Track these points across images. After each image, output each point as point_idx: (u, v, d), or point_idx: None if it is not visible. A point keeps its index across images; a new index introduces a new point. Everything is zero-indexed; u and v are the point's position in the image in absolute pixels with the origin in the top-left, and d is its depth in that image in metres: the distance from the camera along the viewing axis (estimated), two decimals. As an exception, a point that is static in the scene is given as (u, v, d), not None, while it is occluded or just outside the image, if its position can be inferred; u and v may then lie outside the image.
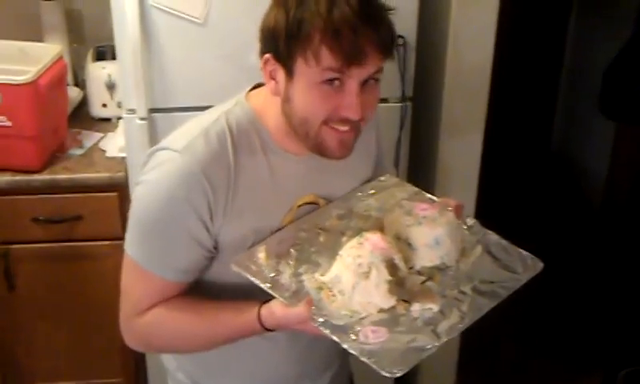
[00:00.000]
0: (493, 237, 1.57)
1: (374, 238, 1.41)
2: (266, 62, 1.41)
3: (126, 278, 1.50)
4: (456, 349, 2.80)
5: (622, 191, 3.39)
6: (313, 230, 1.52)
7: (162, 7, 2.17)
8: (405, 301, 1.39)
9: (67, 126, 2.64)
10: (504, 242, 1.56)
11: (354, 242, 1.43)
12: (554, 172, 4.71)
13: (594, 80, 2.37)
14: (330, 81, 1.35)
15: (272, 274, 1.41)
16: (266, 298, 1.40)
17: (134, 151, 2.31)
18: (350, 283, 1.37)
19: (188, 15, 2.19)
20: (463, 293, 1.43)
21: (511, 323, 1.51)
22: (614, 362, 2.79)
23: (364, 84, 1.37)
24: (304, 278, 1.42)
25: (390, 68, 2.32)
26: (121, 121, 2.53)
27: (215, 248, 1.46)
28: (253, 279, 1.40)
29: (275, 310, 1.38)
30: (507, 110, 4.29)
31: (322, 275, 1.42)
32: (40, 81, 2.36)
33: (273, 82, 1.42)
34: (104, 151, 2.57)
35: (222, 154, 1.42)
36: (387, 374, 1.25)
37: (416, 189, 1.69)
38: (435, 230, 1.48)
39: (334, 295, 1.38)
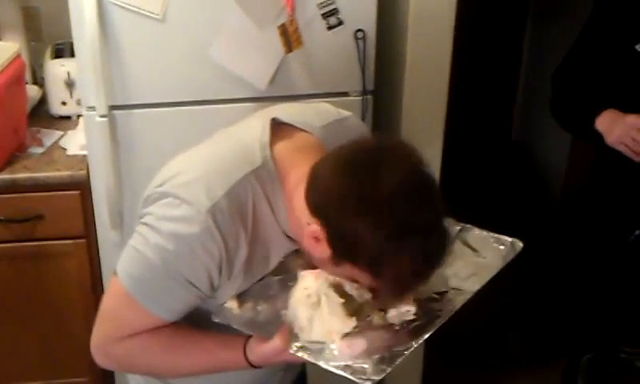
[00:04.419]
0: (469, 230, 1.58)
1: (313, 270, 1.41)
2: (316, 235, 1.32)
3: (114, 302, 1.46)
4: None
5: (581, 180, 3.43)
6: (288, 271, 1.50)
7: (120, 4, 2.16)
8: (381, 310, 1.40)
9: (27, 124, 2.61)
10: (479, 231, 1.58)
11: (300, 277, 1.43)
12: (514, 161, 4.76)
13: (552, 70, 2.40)
14: None
15: (250, 315, 1.42)
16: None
17: (95, 149, 2.30)
18: (305, 317, 1.37)
19: (146, 11, 2.18)
20: (442, 289, 1.45)
21: (474, 313, 1.53)
22: (577, 349, 2.83)
23: None
24: (282, 312, 1.42)
25: (351, 61, 2.34)
26: (81, 118, 2.52)
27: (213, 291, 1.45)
28: (234, 325, 1.41)
29: (255, 347, 1.40)
30: (468, 100, 4.33)
31: None
32: (-3, 80, 2.34)
33: (315, 242, 1.33)
34: (64, 149, 2.55)
35: (244, 222, 1.38)
36: (368, 382, 1.27)
37: None
38: None
39: (296, 333, 1.37)
